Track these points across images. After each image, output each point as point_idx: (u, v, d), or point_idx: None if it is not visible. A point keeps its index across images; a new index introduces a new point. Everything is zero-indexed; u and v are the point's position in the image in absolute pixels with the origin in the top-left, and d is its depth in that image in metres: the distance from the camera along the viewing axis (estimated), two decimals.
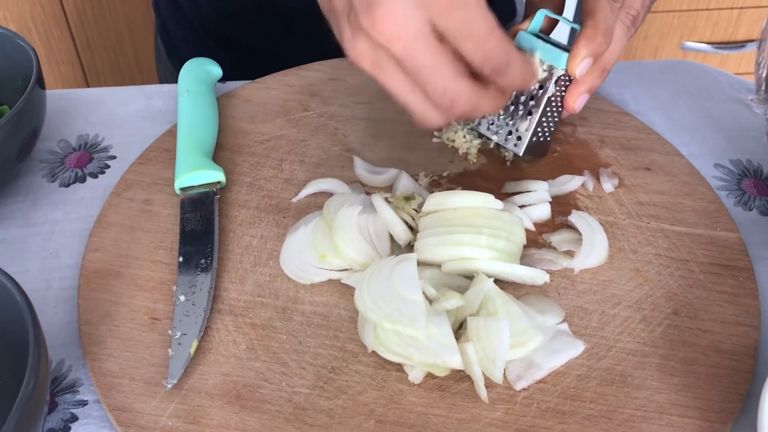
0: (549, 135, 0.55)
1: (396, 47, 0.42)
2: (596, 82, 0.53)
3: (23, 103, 0.53)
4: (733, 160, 0.60)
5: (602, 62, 0.53)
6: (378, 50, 0.43)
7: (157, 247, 0.52)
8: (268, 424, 0.43)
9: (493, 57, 0.43)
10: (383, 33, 0.41)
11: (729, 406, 0.43)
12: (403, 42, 0.41)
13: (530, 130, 0.54)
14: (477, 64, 0.43)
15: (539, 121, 0.54)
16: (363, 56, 0.43)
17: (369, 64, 0.44)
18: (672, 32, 1.67)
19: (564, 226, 0.54)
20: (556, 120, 0.55)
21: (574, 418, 0.43)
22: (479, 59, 0.43)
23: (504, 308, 0.45)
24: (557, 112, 0.54)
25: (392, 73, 0.44)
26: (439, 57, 0.42)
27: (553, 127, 0.55)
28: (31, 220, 0.56)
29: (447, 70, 0.43)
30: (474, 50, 0.42)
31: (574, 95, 0.53)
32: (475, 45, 0.42)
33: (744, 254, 0.52)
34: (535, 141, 0.55)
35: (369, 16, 0.41)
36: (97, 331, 0.47)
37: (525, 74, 0.45)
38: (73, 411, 0.44)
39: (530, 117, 0.54)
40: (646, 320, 0.48)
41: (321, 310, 0.48)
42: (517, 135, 0.54)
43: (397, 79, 0.44)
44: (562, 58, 0.51)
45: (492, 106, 0.46)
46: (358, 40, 0.43)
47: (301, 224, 0.52)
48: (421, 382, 0.44)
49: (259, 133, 0.61)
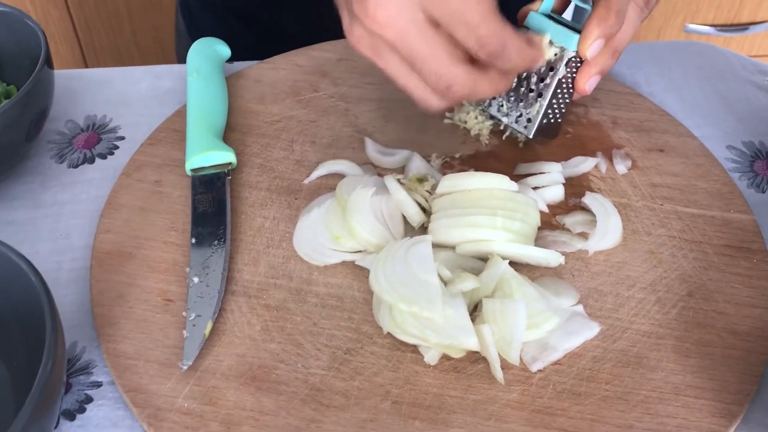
0: (560, 117, 0.55)
1: (389, 34, 0.43)
2: (608, 64, 0.53)
3: (32, 84, 0.52)
4: (746, 142, 0.60)
5: (614, 43, 0.52)
6: (373, 36, 0.43)
7: (168, 229, 0.52)
8: (285, 405, 0.43)
9: (488, 42, 0.43)
10: (376, 21, 0.42)
11: (745, 387, 0.44)
12: (395, 29, 0.42)
13: (540, 112, 0.53)
14: (472, 49, 0.44)
15: (549, 103, 0.53)
16: (361, 42, 0.44)
17: (367, 50, 0.45)
18: (675, 14, 1.66)
19: (577, 208, 0.53)
20: (567, 102, 0.54)
21: (589, 400, 0.43)
22: (473, 45, 0.43)
23: (519, 290, 0.45)
24: (568, 93, 0.54)
25: (389, 59, 0.45)
26: (433, 43, 0.43)
27: (564, 109, 0.55)
28: (41, 202, 0.55)
29: (441, 55, 0.43)
30: (467, 36, 0.43)
31: (585, 77, 0.53)
32: (468, 31, 0.43)
33: (758, 236, 0.52)
34: (546, 123, 0.54)
35: (361, 5, 0.42)
36: (111, 313, 0.47)
37: (525, 57, 0.46)
38: (88, 392, 0.44)
39: (540, 99, 0.53)
40: (660, 302, 0.48)
41: (335, 291, 0.48)
42: (527, 117, 0.54)
43: (394, 64, 0.45)
44: (573, 40, 0.51)
45: (492, 90, 0.46)
46: (355, 26, 0.44)
47: (314, 206, 0.52)
48: (436, 364, 0.44)
49: (269, 114, 0.61)
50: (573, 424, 0.42)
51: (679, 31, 1.69)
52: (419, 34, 0.42)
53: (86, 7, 1.57)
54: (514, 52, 0.44)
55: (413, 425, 0.42)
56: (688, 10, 1.66)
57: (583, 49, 0.50)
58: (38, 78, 0.52)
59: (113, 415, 0.43)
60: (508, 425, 0.42)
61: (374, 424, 0.42)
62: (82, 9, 1.57)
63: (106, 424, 0.43)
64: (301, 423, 0.42)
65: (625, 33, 0.52)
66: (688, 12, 1.66)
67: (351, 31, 0.44)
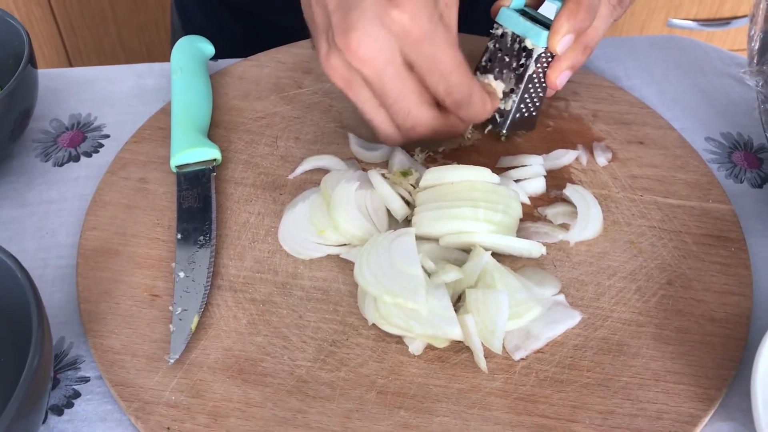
0: (534, 110, 0.56)
1: (367, 70, 0.45)
2: (579, 59, 0.53)
3: (15, 83, 0.52)
4: (724, 134, 0.61)
5: (585, 39, 0.53)
6: (350, 69, 0.46)
7: (154, 225, 0.52)
8: (271, 397, 0.43)
9: (456, 91, 0.47)
10: (356, 56, 0.44)
11: (722, 372, 0.44)
12: (374, 66, 0.44)
13: (513, 107, 0.54)
14: (440, 95, 0.47)
15: (522, 98, 0.54)
16: (336, 72, 0.47)
17: (341, 81, 0.47)
18: (658, 9, 1.68)
19: (559, 200, 0.54)
20: (540, 95, 0.55)
21: (571, 387, 0.44)
22: (442, 92, 0.47)
23: (502, 280, 0.46)
24: (541, 88, 0.55)
25: (361, 92, 0.47)
26: (407, 84, 0.46)
27: (539, 103, 0.55)
28: (26, 200, 0.55)
29: (412, 96, 0.46)
30: (438, 83, 0.46)
31: (555, 72, 0.53)
32: (440, 78, 0.46)
33: (736, 225, 0.52)
34: (519, 117, 0.55)
35: (345, 38, 0.44)
36: (97, 309, 0.47)
37: (486, 109, 0.50)
38: (76, 387, 0.45)
39: (512, 95, 0.54)
40: (640, 291, 0.49)
41: (320, 284, 0.49)
42: (500, 112, 0.55)
43: (365, 97, 0.47)
44: (542, 36, 0.51)
45: (450, 134, 0.51)
46: (333, 56, 0.46)
47: (299, 201, 0.53)
48: (421, 354, 0.45)
49: (253, 111, 0.61)
50: (555, 411, 0.43)
51: (662, 26, 1.71)
52: (395, 74, 0.45)
53: (70, 8, 1.57)
54: (477, 103, 0.48)
55: (398, 414, 0.42)
56: (671, 5, 1.67)
57: (552, 44, 0.51)
58: (22, 77, 0.53)
59: (101, 409, 0.44)
60: (491, 413, 0.42)
61: (360, 413, 0.42)
62: (65, 9, 1.57)
63: (94, 419, 0.43)
64: (287, 414, 0.42)
65: (597, 29, 0.53)
66: (671, 7, 1.68)
67: (328, 60, 0.46)
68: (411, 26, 0.43)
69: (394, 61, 0.45)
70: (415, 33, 0.44)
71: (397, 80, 0.45)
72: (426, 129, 0.48)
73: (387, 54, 0.44)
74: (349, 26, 0.43)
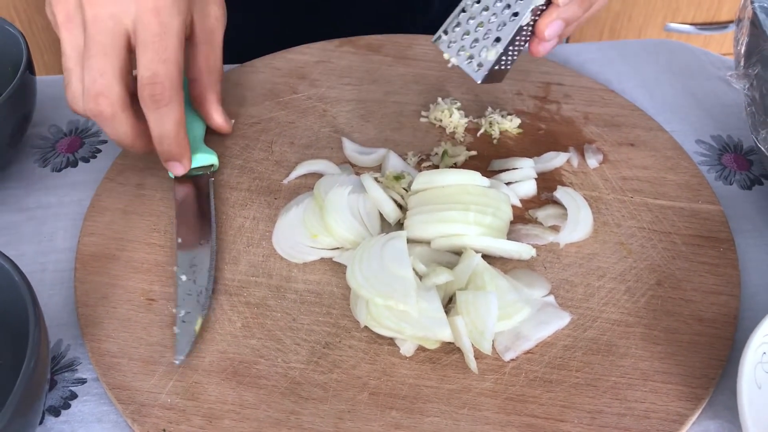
0: (511, 64, 0.52)
1: (89, 12, 0.46)
2: (576, 13, 0.50)
3: (14, 90, 0.53)
4: (714, 136, 0.62)
5: None
6: (77, 8, 0.47)
7: (151, 230, 0.53)
8: (265, 399, 0.44)
9: (159, 86, 0.47)
10: None
11: (710, 371, 0.45)
12: (97, 11, 0.46)
13: (494, 58, 0.50)
14: (143, 79, 0.47)
15: (505, 50, 0.50)
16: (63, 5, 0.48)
17: (63, 13, 0.48)
18: (656, 13, 1.68)
19: (549, 202, 0.55)
20: (520, 50, 0.52)
21: (561, 387, 0.44)
22: (147, 77, 0.47)
23: (492, 282, 0.46)
24: (524, 41, 0.51)
25: (74, 31, 0.48)
26: (115, 45, 0.47)
27: (516, 57, 0.52)
28: (25, 205, 0.56)
29: (113, 61, 0.47)
30: (149, 62, 0.47)
31: (547, 19, 0.49)
32: (153, 58, 0.47)
33: (725, 226, 0.53)
34: (497, 69, 0.52)
35: None
36: (95, 313, 0.48)
37: (177, 143, 0.51)
38: (73, 389, 0.45)
39: (497, 44, 0.50)
40: (630, 291, 0.49)
41: (314, 288, 0.49)
42: (478, 61, 0.51)
43: (74, 41, 0.49)
44: None
45: (114, 135, 0.50)
46: None
47: (293, 205, 0.53)
48: (412, 355, 0.46)
49: (248, 116, 0.62)
50: (544, 411, 0.43)
51: (659, 30, 1.72)
52: (110, 30, 0.46)
53: None
54: (172, 127, 0.49)
55: (390, 415, 0.43)
56: (668, 9, 1.68)
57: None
58: (20, 84, 0.53)
59: (98, 410, 0.44)
60: (481, 413, 0.43)
61: (352, 414, 0.43)
62: None
63: (91, 420, 0.44)
64: (281, 415, 0.43)
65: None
66: (668, 11, 1.68)
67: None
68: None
69: (118, 19, 0.45)
70: (156, 3, 0.45)
71: (109, 36, 0.46)
72: (108, 107, 0.47)
73: (119, 7, 0.45)
74: None
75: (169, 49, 0.46)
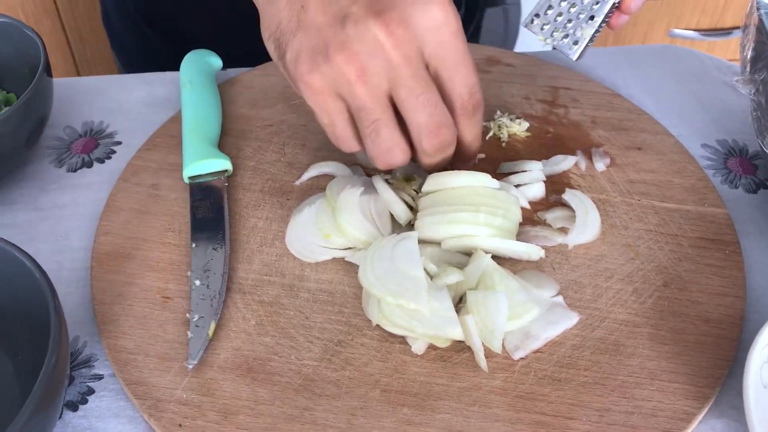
0: (593, 41, 0.54)
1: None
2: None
3: (31, 92, 0.54)
4: (720, 140, 0.63)
5: None
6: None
7: (166, 230, 0.54)
8: (279, 395, 0.45)
9: (477, 91, 0.46)
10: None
11: (716, 371, 0.46)
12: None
13: (590, 35, 0.53)
14: (461, 96, 0.46)
15: (598, 27, 0.53)
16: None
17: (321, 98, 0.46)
18: (660, 19, 1.69)
19: (558, 204, 0.56)
20: (603, 26, 0.54)
21: (569, 385, 0.45)
22: (467, 91, 0.46)
23: (502, 282, 0.47)
24: (608, 18, 0.54)
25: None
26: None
27: (599, 33, 0.54)
28: (41, 205, 0.57)
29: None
30: (464, 82, 0.46)
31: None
32: (466, 76, 0.46)
33: (731, 229, 0.54)
34: (588, 46, 0.54)
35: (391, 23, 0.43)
36: (111, 311, 0.49)
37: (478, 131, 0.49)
38: (90, 384, 0.46)
39: (591, 21, 0.52)
40: (637, 292, 0.50)
41: (326, 287, 0.50)
42: (574, 39, 0.53)
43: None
44: None
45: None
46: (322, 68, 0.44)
47: (305, 206, 0.54)
48: (423, 354, 0.46)
49: (261, 119, 0.63)
50: (553, 409, 0.44)
51: (663, 36, 1.72)
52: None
53: (78, 17, 1.59)
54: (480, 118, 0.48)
55: (402, 412, 0.44)
56: (672, 15, 1.69)
57: None
58: (38, 86, 0.54)
59: (114, 405, 0.45)
60: (491, 410, 0.44)
61: (364, 411, 0.44)
62: (74, 19, 1.59)
63: (108, 415, 0.45)
64: (294, 411, 0.44)
65: None
66: (672, 17, 1.69)
67: (311, 74, 0.45)
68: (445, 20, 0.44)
69: (420, 51, 0.44)
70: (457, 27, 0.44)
71: (423, 70, 0.45)
72: (450, 136, 0.47)
73: (420, 41, 0.44)
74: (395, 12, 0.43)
75: (468, 58, 0.46)
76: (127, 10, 0.83)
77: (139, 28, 0.83)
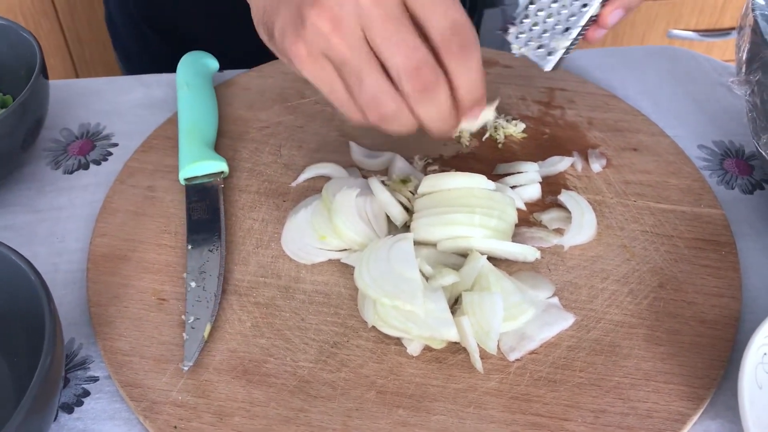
0: (569, 53, 0.54)
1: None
2: (635, 1, 0.52)
3: (28, 93, 0.54)
4: (716, 141, 0.63)
5: None
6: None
7: (162, 232, 0.54)
8: (274, 397, 0.45)
9: (461, 31, 0.42)
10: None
11: (712, 372, 0.46)
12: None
13: (564, 46, 0.52)
14: (442, 35, 0.42)
15: (574, 39, 0.52)
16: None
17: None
18: (658, 20, 1.69)
19: (554, 205, 0.56)
20: (580, 38, 0.53)
21: (564, 386, 0.45)
22: (448, 29, 0.42)
23: (497, 284, 0.47)
24: (585, 29, 0.53)
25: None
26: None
27: (575, 45, 0.54)
28: (37, 207, 0.57)
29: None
30: (440, 20, 0.42)
31: (610, 8, 0.51)
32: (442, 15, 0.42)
33: (726, 230, 0.54)
34: (562, 58, 0.53)
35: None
36: (107, 312, 0.49)
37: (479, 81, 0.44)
38: (85, 386, 0.46)
39: (567, 33, 0.52)
40: (633, 293, 0.50)
41: (322, 288, 0.50)
42: (548, 50, 0.53)
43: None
44: None
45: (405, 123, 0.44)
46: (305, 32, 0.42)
47: (301, 207, 0.54)
48: (419, 355, 0.47)
49: (257, 121, 0.63)
50: (549, 410, 0.44)
51: (662, 37, 1.72)
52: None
53: (77, 19, 1.59)
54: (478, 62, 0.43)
55: (397, 413, 0.44)
56: (671, 15, 1.69)
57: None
58: (34, 88, 0.54)
59: (110, 408, 0.45)
60: (487, 412, 0.44)
61: (360, 412, 0.44)
62: (73, 20, 1.59)
63: (103, 417, 0.45)
64: (290, 413, 0.44)
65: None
66: (670, 18, 1.69)
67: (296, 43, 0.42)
68: None
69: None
70: None
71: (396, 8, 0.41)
72: (434, 76, 0.42)
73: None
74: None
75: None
76: (129, 12, 0.84)
77: (142, 31, 0.84)
